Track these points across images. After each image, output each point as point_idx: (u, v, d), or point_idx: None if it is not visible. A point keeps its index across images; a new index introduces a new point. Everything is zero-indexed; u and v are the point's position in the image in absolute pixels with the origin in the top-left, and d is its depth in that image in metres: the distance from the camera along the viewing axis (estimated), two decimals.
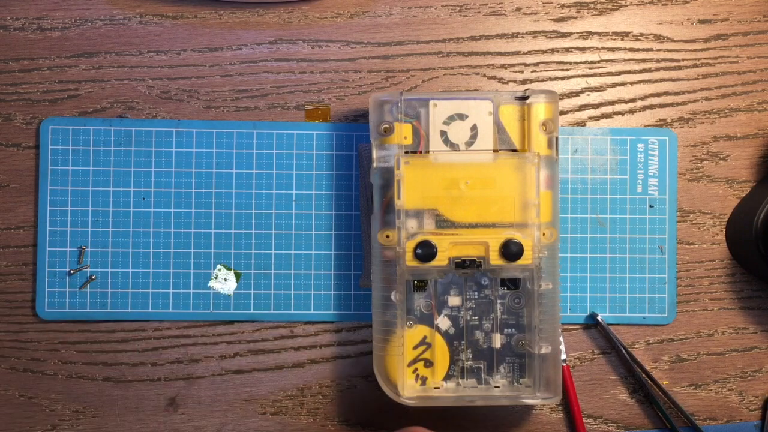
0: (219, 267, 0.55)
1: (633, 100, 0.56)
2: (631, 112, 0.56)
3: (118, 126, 0.55)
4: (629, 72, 0.57)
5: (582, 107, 0.56)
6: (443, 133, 0.51)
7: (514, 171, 0.50)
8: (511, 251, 0.49)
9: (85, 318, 0.55)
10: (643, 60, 0.57)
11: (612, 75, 0.57)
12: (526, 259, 0.50)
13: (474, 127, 0.51)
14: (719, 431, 0.56)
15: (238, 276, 0.55)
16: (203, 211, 0.55)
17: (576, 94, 0.56)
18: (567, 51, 0.57)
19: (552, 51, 0.57)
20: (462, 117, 0.51)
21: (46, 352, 0.55)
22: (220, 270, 0.55)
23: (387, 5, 0.56)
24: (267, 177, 0.56)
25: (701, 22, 0.57)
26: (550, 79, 0.57)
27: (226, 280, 0.55)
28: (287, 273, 0.55)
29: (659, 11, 0.57)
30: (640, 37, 0.57)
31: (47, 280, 0.55)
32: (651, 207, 0.56)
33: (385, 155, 0.51)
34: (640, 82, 0.57)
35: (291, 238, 0.55)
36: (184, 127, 0.56)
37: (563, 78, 0.57)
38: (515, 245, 0.49)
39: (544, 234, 0.50)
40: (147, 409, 0.55)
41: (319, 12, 0.56)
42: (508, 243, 0.50)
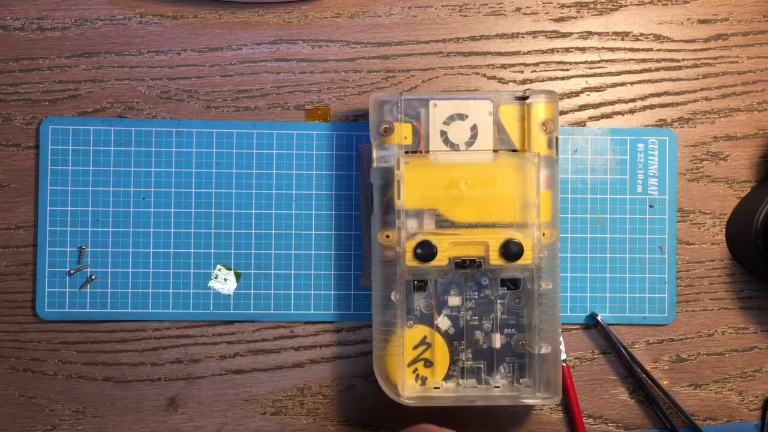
0: (219, 267, 0.55)
1: (633, 100, 0.56)
2: (631, 112, 0.56)
3: (118, 126, 0.55)
4: (629, 72, 0.57)
5: (582, 107, 0.56)
6: (443, 133, 0.51)
7: (514, 171, 0.50)
8: (511, 251, 0.49)
9: (85, 318, 0.55)
10: (643, 60, 0.57)
11: (612, 75, 0.57)
12: (526, 259, 0.50)
13: (474, 127, 0.51)
14: (719, 431, 0.56)
15: (238, 276, 0.55)
16: (203, 211, 0.55)
17: (576, 94, 0.56)
18: (567, 51, 0.57)
19: (552, 51, 0.57)
20: (462, 117, 0.51)
21: (46, 352, 0.55)
22: (220, 270, 0.55)
23: (387, 5, 0.56)
24: (267, 177, 0.56)
25: (701, 22, 0.57)
26: (550, 79, 0.57)
27: (226, 280, 0.55)
28: (287, 273, 0.55)
29: (659, 11, 0.57)
30: (640, 37, 0.57)
31: (47, 280, 0.55)
32: (651, 207, 0.56)
33: (385, 155, 0.51)
34: (640, 82, 0.57)
35: (291, 238, 0.55)
36: (184, 127, 0.56)
37: (563, 78, 0.57)
38: (515, 245, 0.49)
39: (544, 234, 0.50)
40: (147, 409, 0.55)
41: (319, 12, 0.56)
42: (508, 243, 0.50)
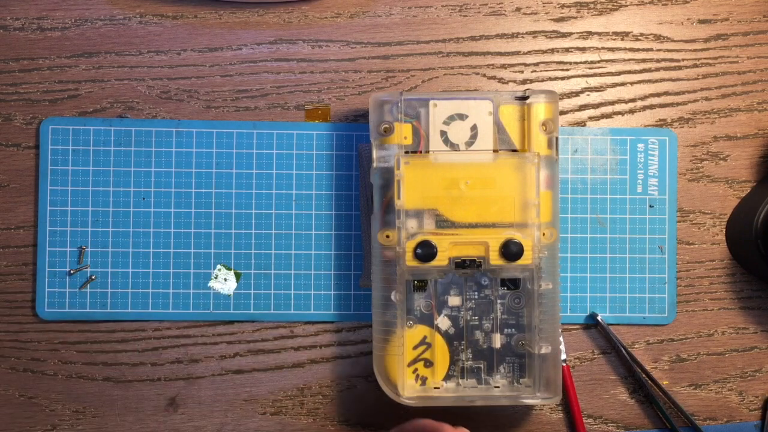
0: (219, 267, 0.55)
1: (633, 100, 0.56)
2: (631, 112, 0.56)
3: (118, 126, 0.55)
4: (629, 72, 0.57)
5: (582, 107, 0.56)
6: (443, 133, 0.51)
7: (514, 171, 0.50)
8: (511, 251, 0.49)
9: (85, 318, 0.55)
10: (643, 60, 0.57)
11: (612, 75, 0.57)
12: (526, 259, 0.50)
13: (474, 127, 0.51)
14: (719, 431, 0.56)
15: (238, 276, 0.55)
16: (203, 211, 0.55)
17: (576, 94, 0.56)
18: (567, 51, 0.57)
19: (552, 51, 0.57)
20: (462, 117, 0.51)
21: (46, 352, 0.55)
22: (220, 270, 0.55)
23: (387, 5, 0.56)
24: (267, 177, 0.56)
25: (701, 22, 0.57)
26: (550, 79, 0.57)
27: (226, 280, 0.55)
28: (287, 273, 0.55)
29: (659, 11, 0.57)
30: (640, 37, 0.57)
31: (47, 280, 0.55)
32: (651, 207, 0.56)
33: (385, 155, 0.51)
34: (640, 82, 0.57)
35: (291, 238, 0.55)
36: (184, 127, 0.56)
37: (563, 78, 0.57)
38: (515, 245, 0.49)
39: (544, 234, 0.50)
40: (147, 409, 0.55)
41: (319, 12, 0.56)
42: (508, 243, 0.50)
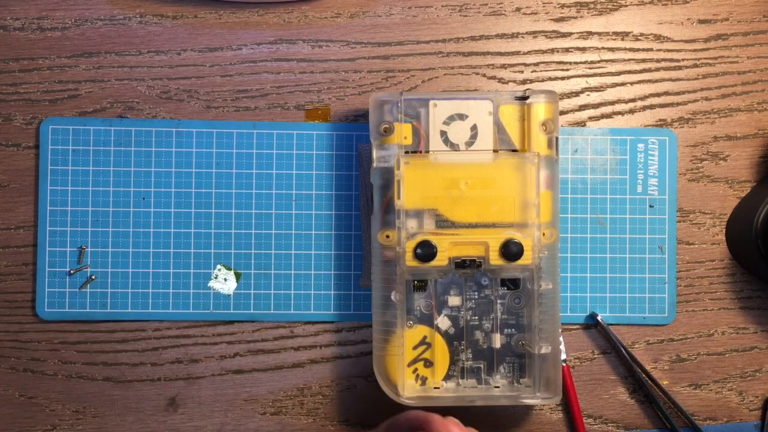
0: (219, 267, 0.55)
1: (633, 100, 0.56)
2: (631, 112, 0.56)
3: (118, 126, 0.55)
4: (629, 72, 0.57)
5: (582, 107, 0.56)
6: (443, 133, 0.51)
7: (514, 171, 0.50)
8: (511, 251, 0.49)
9: (85, 318, 0.55)
10: (643, 60, 0.57)
11: (612, 75, 0.57)
12: (526, 259, 0.50)
13: (474, 127, 0.51)
14: (719, 431, 0.56)
15: (238, 276, 0.55)
16: (203, 211, 0.55)
17: (576, 94, 0.56)
18: (567, 51, 0.57)
19: (552, 51, 0.57)
20: (462, 117, 0.51)
21: (46, 352, 0.55)
22: (220, 270, 0.55)
23: (387, 5, 0.56)
24: (267, 177, 0.56)
25: (701, 22, 0.57)
26: (550, 79, 0.57)
27: (226, 280, 0.55)
28: (287, 273, 0.55)
29: (659, 11, 0.57)
30: (640, 37, 0.57)
31: (47, 280, 0.55)
32: (651, 207, 0.56)
33: (385, 155, 0.51)
34: (640, 82, 0.57)
35: (291, 238, 0.55)
36: (184, 127, 0.56)
37: (563, 78, 0.57)
38: (515, 245, 0.49)
39: (544, 234, 0.50)
40: (147, 409, 0.55)
41: (319, 12, 0.56)
42: (508, 243, 0.50)
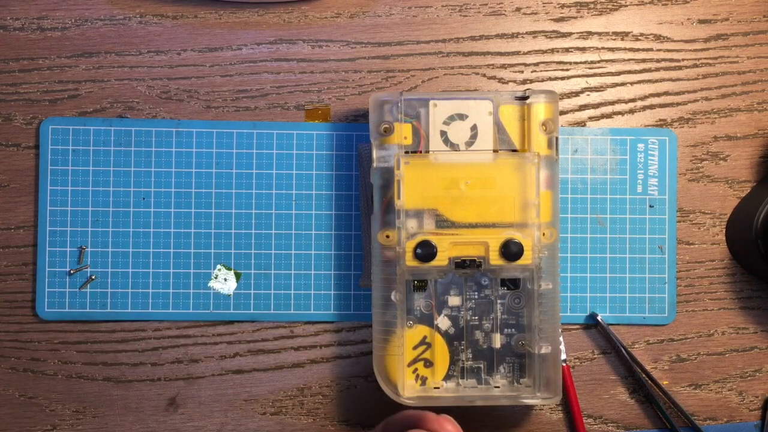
0: (219, 267, 0.55)
1: (633, 100, 0.56)
2: (631, 112, 0.56)
3: (118, 126, 0.55)
4: (629, 72, 0.57)
5: (582, 107, 0.56)
6: (443, 133, 0.51)
7: (514, 171, 0.50)
8: (511, 251, 0.49)
9: (85, 318, 0.55)
10: (643, 60, 0.57)
11: (612, 75, 0.57)
12: (526, 259, 0.50)
13: (474, 127, 0.51)
14: (719, 431, 0.56)
15: (238, 276, 0.55)
16: (203, 211, 0.55)
17: (576, 94, 0.56)
18: (567, 51, 0.57)
19: (552, 51, 0.57)
20: (462, 117, 0.51)
21: (46, 352, 0.55)
22: (220, 270, 0.55)
23: (387, 5, 0.56)
24: (267, 177, 0.56)
25: (701, 22, 0.57)
26: (550, 79, 0.57)
27: (226, 280, 0.55)
28: (287, 273, 0.55)
29: (659, 11, 0.57)
30: (640, 37, 0.57)
31: (47, 280, 0.55)
32: (651, 207, 0.56)
33: (385, 155, 0.51)
34: (640, 82, 0.57)
35: (291, 238, 0.55)
36: (184, 127, 0.56)
37: (563, 78, 0.57)
38: (515, 245, 0.49)
39: (544, 234, 0.50)
40: (147, 409, 0.55)
41: (319, 12, 0.56)
42: (508, 243, 0.50)
